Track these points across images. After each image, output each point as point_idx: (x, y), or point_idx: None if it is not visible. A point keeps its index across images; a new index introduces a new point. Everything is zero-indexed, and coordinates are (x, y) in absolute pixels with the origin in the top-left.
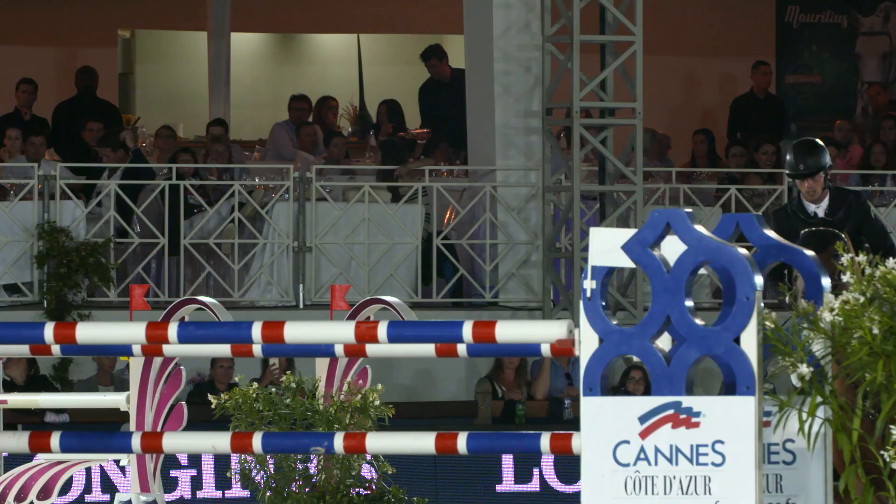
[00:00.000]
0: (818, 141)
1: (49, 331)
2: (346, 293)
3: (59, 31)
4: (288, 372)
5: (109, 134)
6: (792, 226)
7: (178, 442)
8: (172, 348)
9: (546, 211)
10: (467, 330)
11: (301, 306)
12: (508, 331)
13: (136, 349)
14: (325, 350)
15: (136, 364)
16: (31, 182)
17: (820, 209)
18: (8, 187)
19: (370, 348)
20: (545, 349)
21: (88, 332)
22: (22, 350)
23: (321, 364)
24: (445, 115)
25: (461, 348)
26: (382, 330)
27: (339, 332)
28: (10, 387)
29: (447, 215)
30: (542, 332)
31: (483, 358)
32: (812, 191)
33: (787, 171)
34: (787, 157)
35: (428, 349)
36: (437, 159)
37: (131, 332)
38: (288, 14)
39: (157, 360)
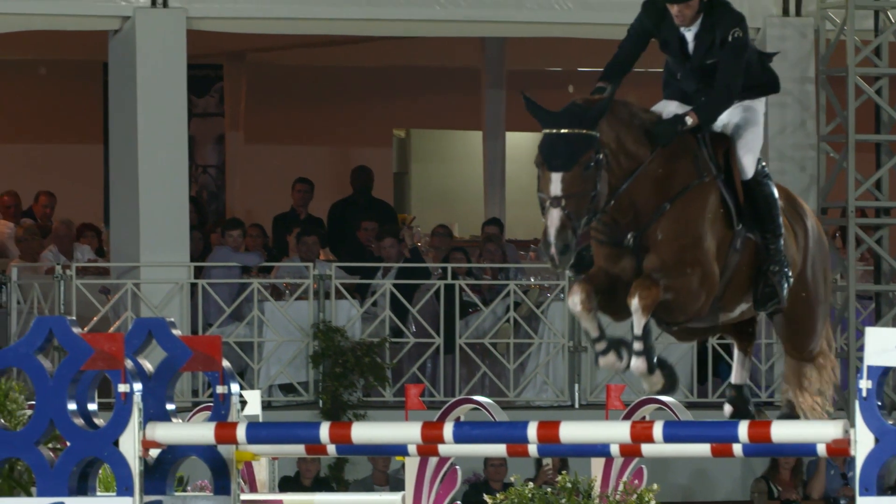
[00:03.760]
0: None
1: (325, 430)
2: (621, 393)
3: (335, 131)
4: (563, 472)
5: (384, 233)
6: (658, 28)
7: None
8: (448, 448)
9: None
10: (743, 430)
11: (576, 406)
12: (784, 431)
13: (412, 449)
14: (601, 450)
15: (411, 464)
16: (306, 282)
17: (690, 33)
18: (283, 287)
19: (646, 448)
20: (821, 449)
21: (364, 431)
22: (298, 450)
23: (596, 464)
24: None
25: (737, 448)
26: (658, 430)
27: (615, 431)
28: (295, 486)
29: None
30: (818, 432)
31: (759, 458)
32: (682, 16)
33: None
34: None
35: (703, 449)
36: None
37: (407, 431)
38: None
39: (433, 460)
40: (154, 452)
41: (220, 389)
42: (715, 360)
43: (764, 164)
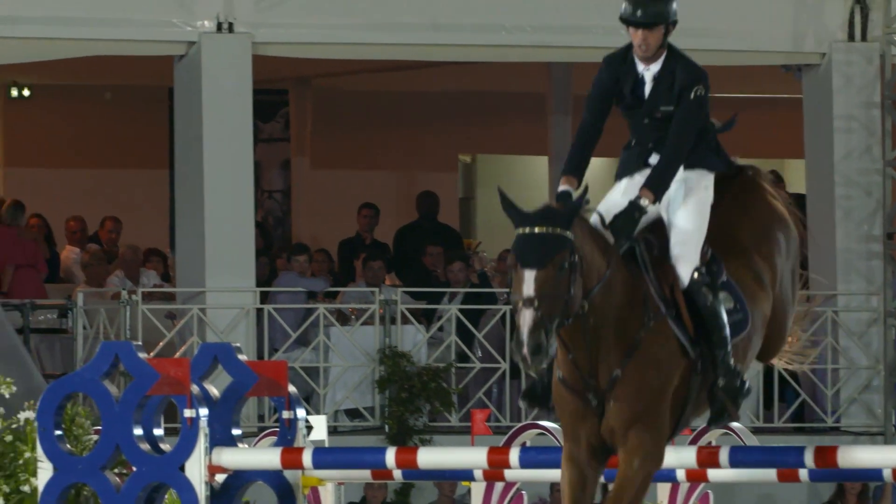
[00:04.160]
0: None
1: (391, 455)
2: None
3: (401, 156)
4: None
5: (454, 257)
6: (618, 78)
7: None
8: (514, 473)
9: (888, 335)
10: (809, 456)
11: None
12: (850, 456)
13: (478, 474)
14: (667, 475)
15: (477, 489)
16: (372, 307)
17: (649, 73)
18: (349, 312)
19: (712, 473)
20: (887, 474)
21: (430, 456)
22: (364, 475)
23: (662, 489)
24: None
25: (803, 473)
26: (724, 455)
27: (681, 457)
28: None
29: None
30: (884, 458)
31: (825, 483)
32: (646, 45)
33: (620, 16)
34: (624, 1)
35: (770, 474)
36: None
37: (473, 456)
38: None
39: (499, 485)
40: (220, 477)
41: (286, 414)
42: (781, 384)
43: (703, 267)
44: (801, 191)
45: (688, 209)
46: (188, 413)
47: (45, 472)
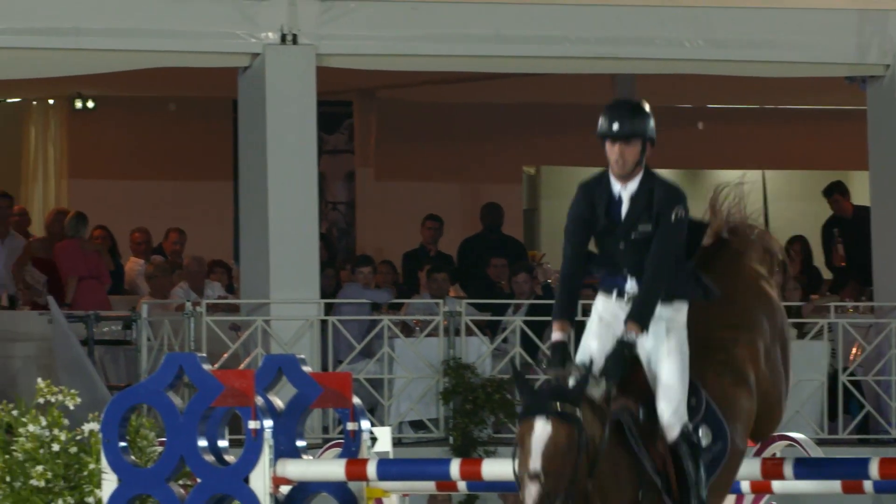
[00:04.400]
0: (644, 104)
1: (455, 467)
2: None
3: (465, 168)
4: None
5: (519, 268)
6: (593, 202)
7: None
8: None
9: None
10: (874, 467)
11: None
12: None
13: None
14: (732, 487)
15: None
16: (436, 318)
17: (626, 192)
18: (413, 324)
19: (776, 485)
20: None
21: (494, 468)
22: (428, 486)
23: (727, 501)
24: (847, 251)
25: (867, 485)
26: (788, 467)
27: (746, 468)
28: None
29: (853, 352)
30: None
31: (890, 494)
32: (623, 160)
33: (597, 132)
34: (600, 117)
35: (834, 486)
36: (845, 296)
37: None
38: (693, 150)
39: None
40: (284, 489)
41: (350, 426)
42: (846, 396)
43: (690, 424)
44: (865, 202)
45: (671, 358)
46: (252, 425)
47: (109, 483)
